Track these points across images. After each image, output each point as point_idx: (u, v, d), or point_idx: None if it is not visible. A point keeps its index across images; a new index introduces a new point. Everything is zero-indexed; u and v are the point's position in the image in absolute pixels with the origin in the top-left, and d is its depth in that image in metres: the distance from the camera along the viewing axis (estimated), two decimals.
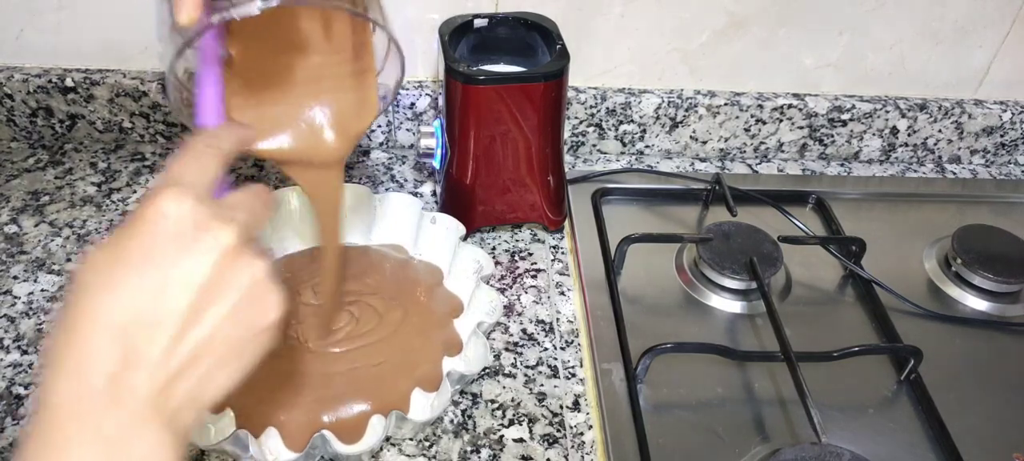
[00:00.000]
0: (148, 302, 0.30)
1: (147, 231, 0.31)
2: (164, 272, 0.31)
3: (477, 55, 0.68)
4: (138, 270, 0.31)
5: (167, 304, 0.31)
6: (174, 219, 0.31)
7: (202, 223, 0.32)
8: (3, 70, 0.75)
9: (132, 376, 0.30)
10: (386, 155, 0.81)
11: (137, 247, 0.31)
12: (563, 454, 0.54)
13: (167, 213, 0.32)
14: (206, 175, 0.35)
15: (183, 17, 0.37)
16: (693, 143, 0.83)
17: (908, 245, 0.75)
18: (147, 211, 0.32)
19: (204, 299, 0.31)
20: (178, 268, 0.31)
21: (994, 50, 0.80)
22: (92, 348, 0.29)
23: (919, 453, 0.56)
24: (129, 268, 0.31)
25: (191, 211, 0.32)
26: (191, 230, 0.32)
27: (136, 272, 0.31)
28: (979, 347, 0.65)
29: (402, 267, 0.65)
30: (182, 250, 0.31)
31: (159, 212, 0.32)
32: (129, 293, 0.30)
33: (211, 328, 0.32)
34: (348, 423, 0.53)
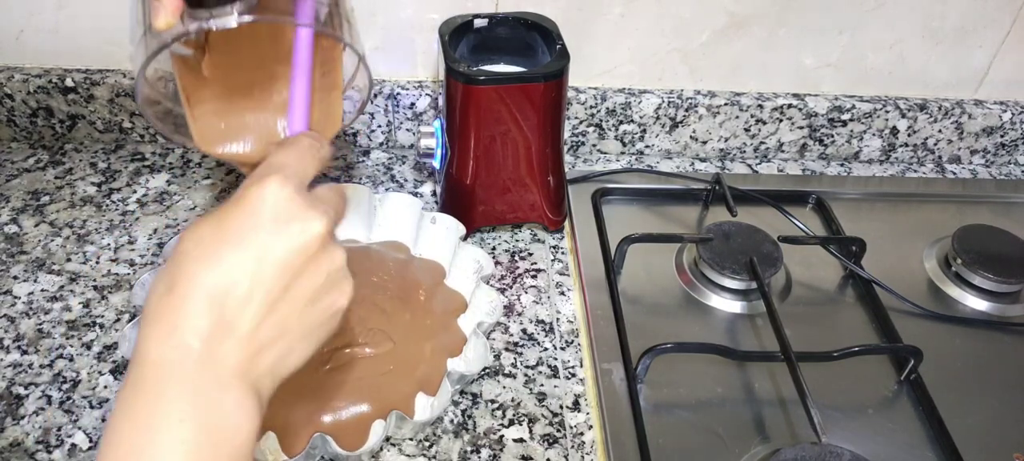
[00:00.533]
0: (243, 276, 0.33)
1: (249, 211, 0.34)
2: (260, 251, 0.33)
3: (477, 55, 0.68)
4: (237, 246, 0.33)
5: (260, 281, 0.33)
6: (273, 203, 0.34)
7: (299, 211, 0.34)
8: (3, 70, 0.75)
9: (223, 343, 0.32)
10: (386, 155, 0.81)
11: (238, 225, 0.33)
12: (563, 454, 0.54)
13: (268, 197, 0.34)
14: (308, 169, 0.37)
15: (160, 21, 0.38)
16: (693, 143, 0.83)
17: (908, 245, 0.75)
18: (251, 193, 0.34)
19: (293, 280, 0.34)
20: (273, 249, 0.33)
21: (994, 50, 0.80)
22: (189, 312, 0.32)
23: (919, 453, 0.56)
24: (229, 243, 0.33)
25: (290, 198, 0.34)
26: (288, 216, 0.34)
27: (235, 248, 0.33)
28: (979, 347, 0.65)
29: (404, 266, 0.65)
30: (278, 233, 0.34)
31: (262, 196, 0.34)
32: (227, 266, 0.33)
33: (296, 308, 0.34)
34: (349, 424, 0.53)
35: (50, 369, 0.57)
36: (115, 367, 0.58)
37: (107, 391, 0.56)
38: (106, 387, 0.56)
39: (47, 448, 0.52)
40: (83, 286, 0.64)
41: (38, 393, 0.55)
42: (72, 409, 0.55)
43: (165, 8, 0.37)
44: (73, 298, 0.63)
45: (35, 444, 0.52)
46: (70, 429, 0.53)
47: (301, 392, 0.54)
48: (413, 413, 0.52)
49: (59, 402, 0.55)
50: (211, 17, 0.38)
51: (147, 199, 0.73)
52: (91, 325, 0.61)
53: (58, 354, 0.58)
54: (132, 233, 0.69)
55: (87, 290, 0.63)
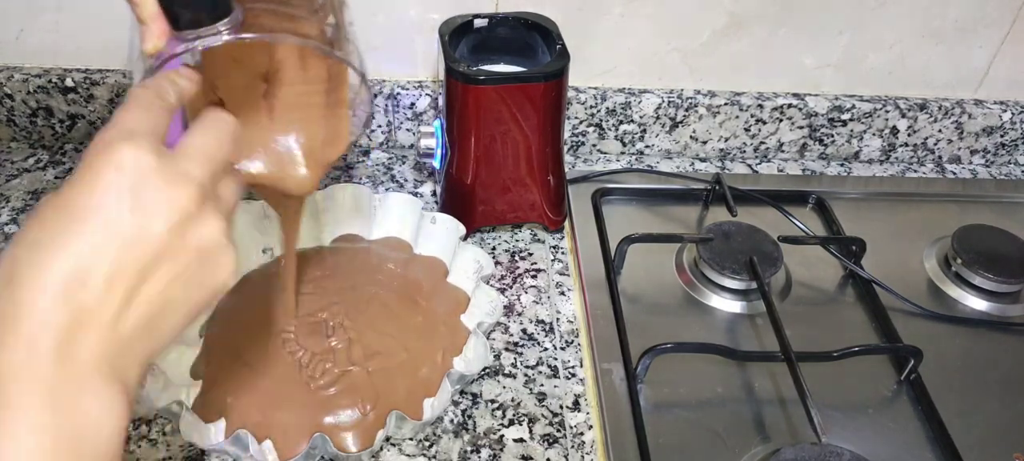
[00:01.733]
0: (96, 259, 0.29)
1: (100, 183, 0.30)
2: (115, 228, 0.29)
3: (477, 55, 0.68)
4: (87, 224, 0.29)
5: (117, 262, 0.29)
6: (131, 172, 0.30)
7: (159, 182, 0.30)
8: (3, 70, 0.75)
9: (81, 338, 0.28)
10: (386, 155, 0.81)
11: (87, 199, 0.29)
12: (563, 454, 0.54)
13: (123, 165, 0.30)
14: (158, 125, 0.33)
15: (149, 46, 0.37)
16: (693, 143, 0.83)
17: (908, 245, 0.75)
18: (100, 161, 0.30)
19: (156, 260, 0.30)
20: (130, 226, 0.29)
21: (994, 50, 0.80)
22: (38, 310, 0.28)
23: (919, 453, 0.56)
24: (78, 221, 0.29)
25: (147, 166, 0.30)
26: (147, 187, 0.30)
27: (85, 226, 0.29)
28: (979, 347, 0.65)
29: (405, 265, 0.65)
30: (136, 208, 0.30)
31: (115, 163, 0.30)
32: (76, 249, 0.29)
33: (162, 290, 0.31)
34: (349, 424, 0.53)
35: None
36: None
37: None
38: None
39: None
40: None
41: None
42: None
43: (151, 32, 0.37)
44: None
45: None
46: None
47: (301, 392, 0.54)
48: (413, 413, 0.52)
49: None
50: (198, 38, 0.38)
51: None
52: None
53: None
54: None
55: None
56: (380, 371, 0.56)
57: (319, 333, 0.58)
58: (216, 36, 0.38)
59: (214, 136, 0.35)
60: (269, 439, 0.50)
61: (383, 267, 0.64)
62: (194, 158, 0.33)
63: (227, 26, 0.38)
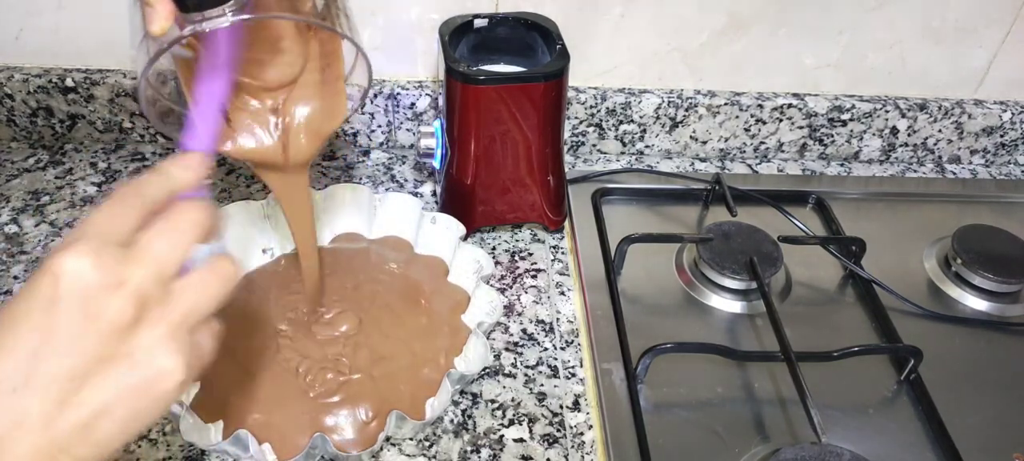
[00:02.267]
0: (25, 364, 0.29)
1: (37, 293, 0.30)
2: (44, 336, 0.30)
3: (477, 55, 0.68)
4: (18, 330, 0.30)
5: (46, 371, 0.29)
6: (66, 281, 0.30)
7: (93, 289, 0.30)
8: (3, 70, 0.75)
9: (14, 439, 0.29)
10: (386, 155, 0.81)
11: (23, 309, 0.30)
12: (563, 454, 0.54)
13: (59, 274, 0.30)
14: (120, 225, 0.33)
15: (155, 27, 0.37)
16: (693, 143, 0.83)
17: (908, 245, 0.75)
18: (43, 270, 0.30)
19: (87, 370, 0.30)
20: (57, 335, 0.30)
21: (994, 50, 0.80)
22: None
23: (919, 453, 0.56)
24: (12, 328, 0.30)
25: (86, 272, 0.30)
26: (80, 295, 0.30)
27: (16, 332, 0.30)
28: (979, 347, 0.65)
29: (406, 264, 0.65)
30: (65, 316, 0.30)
31: (52, 272, 0.30)
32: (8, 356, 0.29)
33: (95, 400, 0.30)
34: (349, 424, 0.53)
35: None
36: None
37: None
38: None
39: None
40: None
41: None
42: None
43: (158, 14, 0.37)
44: None
45: None
46: None
47: (301, 389, 0.54)
48: (414, 413, 0.52)
49: None
50: (204, 19, 0.38)
51: None
52: None
53: None
54: None
55: None
56: (385, 376, 0.55)
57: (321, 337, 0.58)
58: (222, 17, 0.38)
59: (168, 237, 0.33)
60: (269, 439, 0.50)
61: (384, 266, 0.64)
62: (139, 262, 0.32)
63: (232, 7, 0.39)
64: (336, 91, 0.50)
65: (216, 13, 0.38)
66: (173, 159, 0.37)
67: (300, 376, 0.55)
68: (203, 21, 0.38)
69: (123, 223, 0.33)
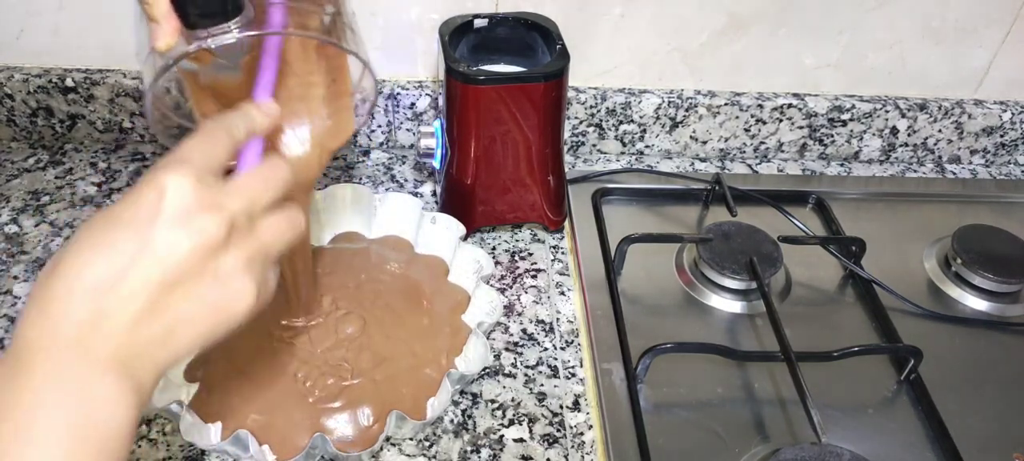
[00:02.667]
0: (121, 269, 0.31)
1: (141, 202, 0.32)
2: (142, 244, 0.32)
3: (477, 55, 0.68)
4: (120, 236, 0.32)
5: (139, 275, 0.32)
6: (170, 196, 0.32)
7: (194, 207, 0.33)
8: (3, 70, 0.75)
9: (98, 334, 0.31)
10: (386, 155, 0.81)
11: (126, 215, 0.32)
12: (563, 454, 0.54)
13: (165, 188, 0.32)
14: (214, 157, 0.35)
15: (160, 43, 0.38)
16: (693, 143, 0.83)
17: (908, 245, 0.75)
18: (147, 183, 0.33)
19: (178, 279, 0.32)
20: (156, 243, 0.32)
21: (994, 50, 0.80)
22: (67, 300, 0.31)
23: (919, 453, 0.56)
24: (113, 232, 0.32)
25: (189, 191, 0.33)
26: (182, 211, 0.33)
27: (118, 238, 0.32)
28: (979, 347, 0.65)
29: (406, 264, 0.65)
30: (167, 227, 0.32)
31: (157, 186, 0.32)
32: (106, 256, 0.32)
33: (179, 309, 0.33)
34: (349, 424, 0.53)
35: None
36: None
37: None
38: None
39: None
40: None
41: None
42: None
43: (164, 30, 0.37)
44: None
45: None
46: None
47: (301, 393, 0.54)
48: (414, 413, 0.52)
49: None
50: (210, 36, 0.38)
51: None
52: None
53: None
54: None
55: None
56: (387, 380, 0.55)
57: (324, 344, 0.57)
58: (227, 33, 0.38)
59: (262, 179, 0.37)
60: (269, 439, 0.50)
61: (385, 266, 0.64)
62: (235, 194, 0.35)
63: (238, 23, 0.39)
64: (342, 106, 0.50)
65: (221, 30, 0.39)
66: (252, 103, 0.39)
67: (299, 381, 0.55)
68: (209, 37, 0.38)
69: (217, 154, 0.36)
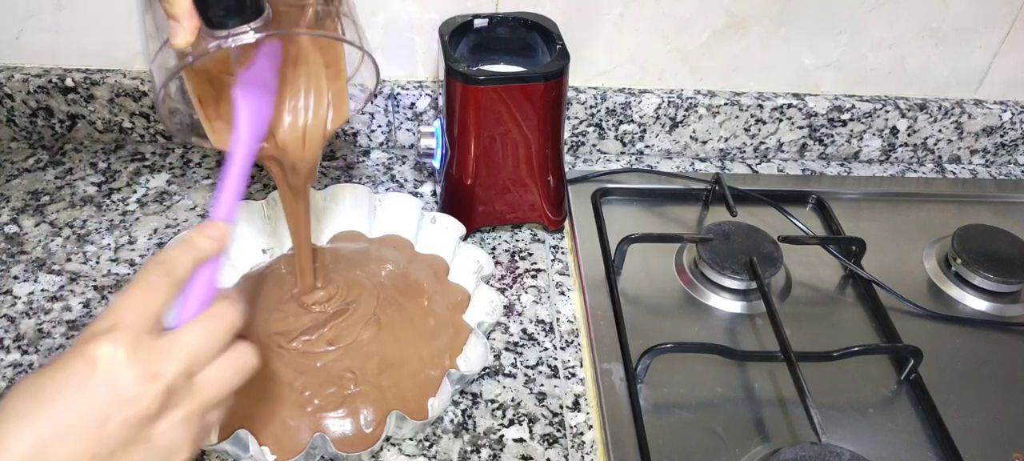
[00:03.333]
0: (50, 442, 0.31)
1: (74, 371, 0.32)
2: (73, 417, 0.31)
3: (477, 55, 0.68)
4: (50, 408, 0.31)
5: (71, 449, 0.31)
6: (102, 368, 0.32)
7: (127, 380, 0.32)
8: (3, 70, 0.75)
9: None
10: (386, 155, 0.81)
11: (56, 385, 0.32)
12: (563, 454, 0.54)
13: (96, 360, 0.32)
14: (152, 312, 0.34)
15: (180, 41, 0.38)
16: (693, 143, 0.83)
17: (908, 245, 0.75)
18: (80, 350, 0.32)
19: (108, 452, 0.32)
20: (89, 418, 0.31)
21: (994, 50, 0.80)
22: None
23: (919, 453, 0.56)
24: (42, 402, 0.31)
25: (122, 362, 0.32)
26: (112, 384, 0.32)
27: (48, 409, 0.31)
28: (979, 347, 0.65)
29: (406, 264, 0.65)
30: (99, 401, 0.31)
31: (88, 356, 0.32)
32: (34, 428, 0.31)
33: None
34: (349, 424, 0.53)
35: None
36: None
37: None
38: None
39: None
40: (83, 286, 0.64)
41: None
42: None
43: (184, 29, 0.37)
44: (73, 298, 0.63)
45: None
46: None
47: (301, 392, 0.54)
48: (414, 413, 0.52)
49: None
50: (229, 36, 0.38)
51: (147, 199, 0.73)
52: None
53: (58, 354, 0.58)
54: (132, 233, 0.69)
55: (87, 290, 0.63)
56: (392, 386, 0.55)
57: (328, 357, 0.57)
58: (246, 34, 0.39)
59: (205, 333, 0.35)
60: (269, 440, 0.50)
61: (387, 265, 0.64)
62: (173, 356, 0.34)
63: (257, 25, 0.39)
64: (338, 89, 0.50)
65: (241, 30, 0.39)
66: (199, 229, 0.38)
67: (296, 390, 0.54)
68: (229, 37, 0.38)
69: (155, 307, 0.34)
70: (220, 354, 0.36)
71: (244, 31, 0.39)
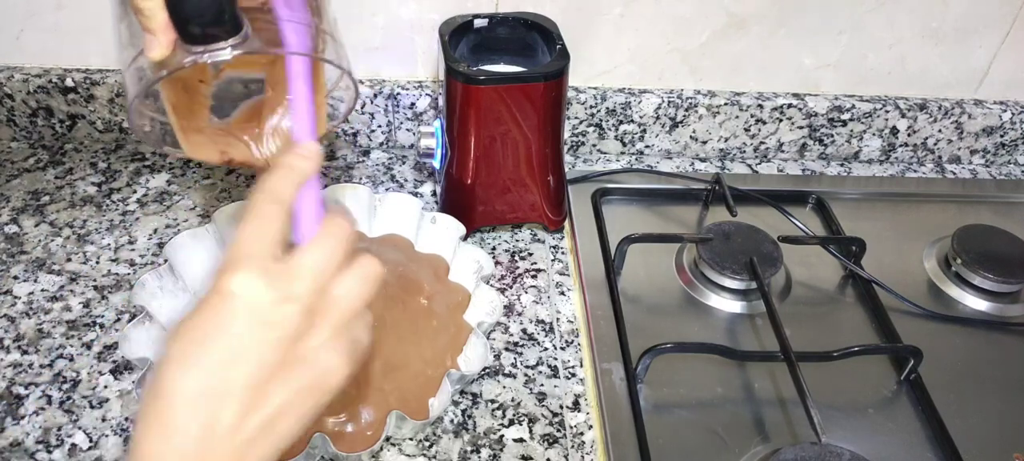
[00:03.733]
0: (218, 376, 0.33)
1: (218, 309, 0.34)
2: (231, 350, 0.33)
3: (477, 55, 0.68)
4: (208, 347, 0.33)
5: (235, 379, 0.33)
6: (243, 299, 0.34)
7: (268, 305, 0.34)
8: (3, 70, 0.75)
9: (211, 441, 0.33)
10: (386, 155, 0.81)
11: (209, 325, 0.34)
12: (563, 454, 0.54)
13: (236, 292, 0.34)
14: (272, 238, 0.36)
15: (155, 53, 0.38)
16: (693, 143, 0.83)
17: (908, 245, 0.75)
18: (219, 289, 0.34)
19: (269, 376, 0.34)
20: (244, 347, 0.34)
21: (994, 50, 0.80)
22: (175, 415, 0.33)
23: (919, 453, 0.56)
24: (201, 344, 0.33)
25: (260, 291, 0.34)
26: (258, 311, 0.34)
27: (207, 349, 0.33)
28: (979, 347, 0.65)
29: (406, 263, 0.65)
30: (248, 330, 0.34)
31: (229, 292, 0.34)
32: (201, 368, 0.33)
33: (277, 401, 0.34)
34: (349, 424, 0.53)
35: (50, 369, 0.57)
36: (115, 367, 0.58)
37: (107, 391, 0.56)
38: (106, 387, 0.56)
39: (47, 448, 0.52)
40: (83, 286, 0.64)
41: (38, 393, 0.55)
42: (72, 409, 0.55)
43: (159, 42, 0.37)
44: (73, 298, 0.63)
45: (35, 444, 0.52)
46: (70, 429, 0.53)
47: None
48: (415, 413, 0.52)
49: (59, 402, 0.55)
50: (206, 52, 0.38)
51: (147, 199, 0.73)
52: (91, 325, 0.61)
53: (58, 354, 0.58)
54: (132, 233, 0.69)
55: (87, 290, 0.63)
56: (396, 390, 0.55)
57: None
58: (223, 49, 0.38)
59: (325, 250, 0.37)
60: None
61: (387, 265, 0.64)
62: (303, 277, 0.36)
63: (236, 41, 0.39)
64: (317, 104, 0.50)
65: (218, 46, 0.38)
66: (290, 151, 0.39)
67: None
68: (205, 53, 0.38)
69: (273, 233, 0.36)
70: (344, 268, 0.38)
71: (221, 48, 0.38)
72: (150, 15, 0.37)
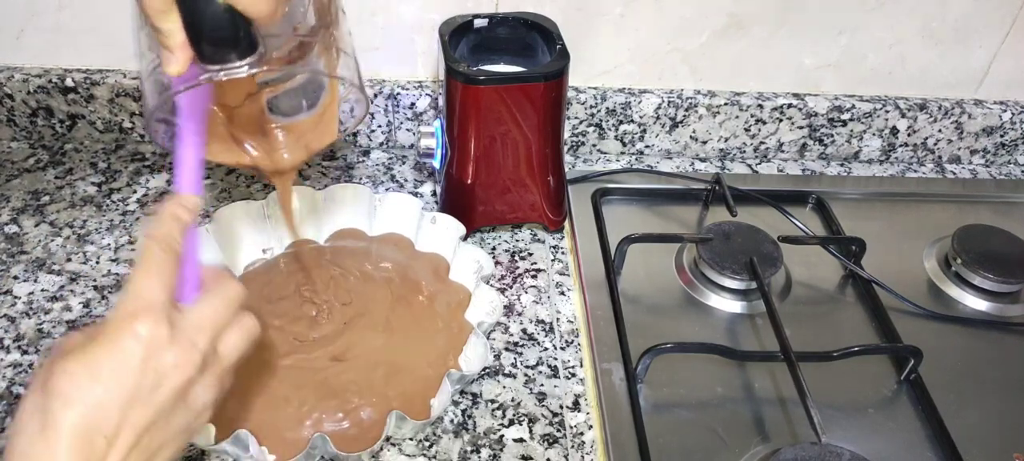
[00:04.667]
0: (113, 416, 0.34)
1: (122, 350, 0.35)
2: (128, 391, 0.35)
3: (477, 55, 0.68)
4: (107, 385, 0.34)
5: (130, 419, 0.35)
6: (148, 344, 0.35)
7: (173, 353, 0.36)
8: (3, 70, 0.75)
9: None
10: (386, 155, 0.81)
11: (108, 365, 0.35)
12: (563, 454, 0.54)
13: (143, 337, 0.35)
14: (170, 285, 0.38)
15: (172, 68, 0.38)
16: (693, 143, 0.83)
17: (908, 245, 0.75)
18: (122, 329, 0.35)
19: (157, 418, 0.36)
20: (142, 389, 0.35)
21: (994, 50, 0.80)
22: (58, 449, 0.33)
23: (919, 453, 0.56)
24: (98, 381, 0.34)
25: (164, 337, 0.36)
26: (160, 357, 0.36)
27: (105, 387, 0.34)
28: (979, 347, 0.65)
29: (406, 263, 0.65)
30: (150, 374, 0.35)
31: (134, 335, 0.35)
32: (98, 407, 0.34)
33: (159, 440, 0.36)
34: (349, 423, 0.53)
35: None
36: None
37: None
38: None
39: None
40: (83, 286, 0.64)
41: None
42: None
43: (177, 59, 0.38)
44: (73, 298, 0.63)
45: None
46: None
47: (299, 407, 0.54)
48: (415, 413, 0.52)
49: None
50: (222, 70, 0.38)
51: (147, 199, 0.73)
52: (91, 325, 0.61)
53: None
54: (132, 233, 0.69)
55: (87, 290, 0.63)
56: (398, 395, 0.54)
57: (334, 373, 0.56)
58: (239, 68, 0.39)
59: (219, 306, 0.40)
60: (269, 440, 0.50)
61: (383, 266, 0.64)
62: (202, 328, 0.38)
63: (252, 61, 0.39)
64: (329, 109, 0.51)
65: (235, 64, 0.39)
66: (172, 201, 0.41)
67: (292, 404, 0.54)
68: (221, 70, 0.38)
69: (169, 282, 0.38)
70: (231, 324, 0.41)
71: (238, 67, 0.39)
72: (169, 35, 0.37)
